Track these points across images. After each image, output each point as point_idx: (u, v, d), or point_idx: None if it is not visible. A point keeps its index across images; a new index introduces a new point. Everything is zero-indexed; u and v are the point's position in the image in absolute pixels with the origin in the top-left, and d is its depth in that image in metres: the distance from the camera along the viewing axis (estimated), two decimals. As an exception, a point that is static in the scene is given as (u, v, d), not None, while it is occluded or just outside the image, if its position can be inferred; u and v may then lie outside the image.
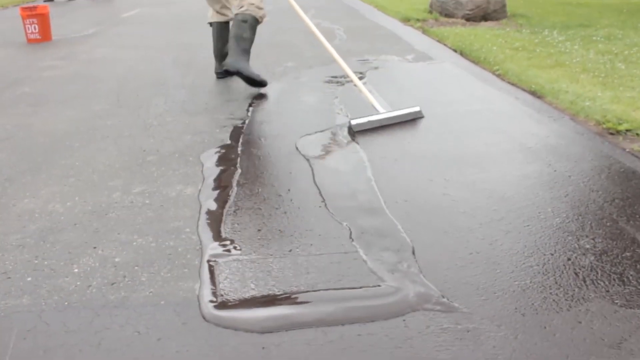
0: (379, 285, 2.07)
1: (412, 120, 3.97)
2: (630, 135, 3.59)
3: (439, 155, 3.31)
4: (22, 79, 5.60)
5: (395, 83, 4.97)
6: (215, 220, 2.60)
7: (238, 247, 2.36)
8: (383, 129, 3.78)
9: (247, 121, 4.00)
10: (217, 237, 2.45)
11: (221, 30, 5.26)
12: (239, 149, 3.49)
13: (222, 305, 1.98)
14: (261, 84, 4.83)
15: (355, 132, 3.74)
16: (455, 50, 6.34)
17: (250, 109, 4.29)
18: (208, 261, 2.26)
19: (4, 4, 14.12)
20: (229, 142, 3.60)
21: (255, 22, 4.82)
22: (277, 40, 7.21)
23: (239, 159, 3.32)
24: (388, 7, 10.21)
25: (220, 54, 5.28)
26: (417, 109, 4.04)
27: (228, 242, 2.40)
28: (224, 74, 5.25)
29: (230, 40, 4.78)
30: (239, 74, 4.71)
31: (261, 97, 4.62)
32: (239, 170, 3.15)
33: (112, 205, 2.78)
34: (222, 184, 2.98)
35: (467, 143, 3.50)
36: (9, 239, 2.50)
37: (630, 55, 5.70)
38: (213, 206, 2.73)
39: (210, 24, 5.35)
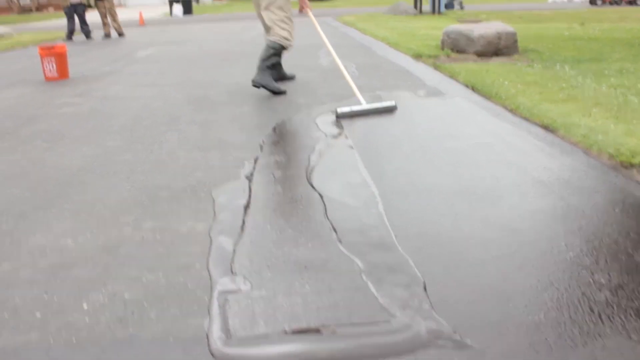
0: (390, 321, 2.05)
1: (388, 112, 5.13)
2: (644, 168, 3.55)
3: (451, 189, 3.29)
4: (38, 116, 5.68)
5: (407, 118, 4.98)
6: (225, 256, 2.59)
7: (248, 283, 2.34)
8: (394, 163, 3.78)
9: (259, 157, 4.02)
10: (227, 273, 2.44)
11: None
12: (251, 184, 3.49)
13: (232, 342, 1.96)
14: (281, 93, 6.15)
15: (338, 118, 4.95)
16: (467, 86, 6.35)
17: (263, 145, 4.31)
18: (217, 297, 2.24)
19: (25, 43, 14.42)
20: (240, 177, 3.61)
21: (280, 48, 6.21)
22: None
23: (250, 195, 3.32)
24: (400, 43, 10.29)
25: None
26: (392, 102, 5.25)
27: (238, 278, 2.38)
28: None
29: (258, 60, 6.19)
30: (264, 87, 6.15)
31: (273, 133, 4.64)
32: (250, 206, 3.15)
33: (123, 241, 2.79)
34: (233, 220, 2.97)
35: (479, 176, 3.48)
36: (19, 274, 2.50)
37: (643, 89, 5.68)
38: (224, 242, 2.72)
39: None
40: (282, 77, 6.95)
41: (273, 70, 6.35)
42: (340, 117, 5.03)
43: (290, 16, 6.29)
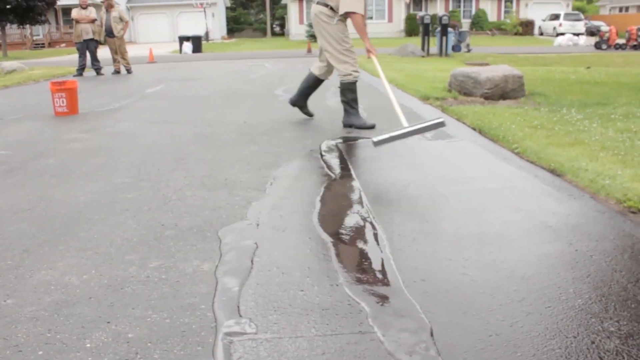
0: (396, 368, 2.02)
1: (435, 130, 4.80)
2: (652, 215, 3.54)
3: (458, 234, 3.28)
4: (47, 151, 5.72)
5: (415, 160, 5.00)
6: (231, 297, 2.57)
7: (253, 326, 2.32)
8: (402, 206, 3.77)
9: (266, 198, 4.02)
10: (233, 314, 2.42)
11: (309, 78, 6.96)
12: (258, 225, 3.49)
13: (235, 385, 1.94)
14: (372, 127, 6.40)
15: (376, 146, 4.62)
16: (474, 129, 6.38)
17: (270, 185, 4.31)
18: (222, 339, 2.22)
19: (36, 78, 14.60)
20: (247, 218, 3.61)
21: (347, 85, 6.51)
22: (298, 118, 7.31)
23: (257, 236, 3.31)
24: (407, 85, 10.38)
25: (301, 91, 7.07)
26: (440, 119, 4.76)
27: (243, 320, 2.36)
28: (295, 105, 7.20)
29: (342, 103, 6.62)
30: (352, 126, 6.50)
31: (281, 173, 4.65)
32: (257, 247, 3.14)
33: (128, 280, 2.77)
34: (239, 261, 2.96)
35: (487, 221, 3.47)
36: (23, 310, 2.49)
37: (650, 134, 5.69)
38: (229, 283, 2.71)
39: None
40: (305, 111, 7.24)
41: (353, 109, 6.59)
42: (378, 144, 4.69)
43: (351, 47, 6.50)
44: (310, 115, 7.25)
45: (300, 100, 7.16)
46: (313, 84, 6.98)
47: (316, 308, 2.46)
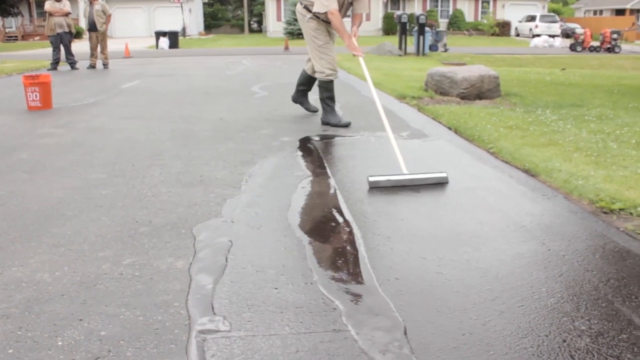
0: (369, 366, 2.02)
1: (436, 184, 4.21)
2: (623, 214, 3.59)
3: (433, 233, 3.30)
4: (19, 146, 5.63)
5: (390, 160, 5.01)
6: (205, 295, 2.56)
7: (227, 323, 2.31)
8: (377, 205, 3.78)
9: (241, 195, 4.00)
10: (207, 312, 2.40)
11: (302, 76, 7.07)
12: (233, 222, 3.47)
13: (208, 384, 1.93)
14: (346, 126, 6.43)
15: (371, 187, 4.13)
16: (449, 128, 6.42)
17: (245, 182, 4.30)
18: (196, 337, 2.21)
19: (8, 72, 14.37)
20: (222, 215, 3.59)
21: (322, 83, 6.55)
22: (275, 115, 7.31)
23: (232, 233, 3.30)
24: (384, 84, 10.40)
25: (297, 88, 7.20)
26: (444, 174, 4.28)
27: (217, 318, 2.35)
28: (294, 102, 7.32)
29: (320, 100, 6.65)
30: (329, 125, 6.50)
31: (257, 171, 4.64)
32: (232, 244, 3.12)
33: (101, 277, 2.75)
34: (213, 258, 2.95)
35: (461, 221, 3.49)
36: (-7, 309, 2.45)
37: (622, 135, 5.77)
38: (204, 280, 2.69)
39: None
40: (301, 103, 7.29)
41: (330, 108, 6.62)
42: (373, 186, 4.14)
43: (326, 44, 6.45)
44: (313, 110, 7.30)
45: (299, 97, 7.27)
46: (306, 81, 7.07)
47: (290, 306, 2.45)
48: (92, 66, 15.39)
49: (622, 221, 3.50)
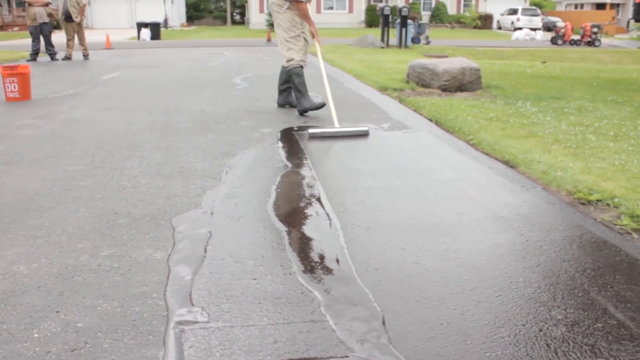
0: (347, 356, 2.03)
1: (360, 137, 5.44)
2: (601, 205, 3.63)
3: (412, 224, 3.31)
4: (-3, 138, 5.56)
5: (372, 151, 5.02)
6: (183, 286, 2.55)
7: (205, 314, 2.30)
8: (357, 196, 3.79)
9: (221, 186, 3.99)
10: (185, 303, 2.40)
11: (281, 73, 7.09)
12: (212, 213, 3.46)
13: (186, 374, 1.92)
14: (321, 107, 6.56)
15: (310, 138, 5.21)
16: (430, 120, 6.44)
17: (225, 174, 4.28)
18: (174, 328, 2.20)
19: (-14, 63, 14.19)
20: (202, 206, 3.58)
21: (292, 70, 6.64)
22: (255, 107, 7.29)
23: (211, 224, 3.29)
24: (366, 76, 10.40)
25: (280, 89, 7.20)
26: (365, 128, 5.62)
27: (195, 309, 2.35)
28: (283, 105, 7.25)
29: (293, 90, 6.82)
30: (305, 111, 6.69)
31: (237, 162, 4.62)
32: (211, 236, 3.11)
33: (79, 268, 2.73)
34: (192, 249, 2.94)
35: (440, 212, 3.51)
36: (-31, 301, 2.43)
37: (600, 127, 5.83)
38: (182, 272, 2.68)
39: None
40: (289, 103, 7.23)
41: (302, 94, 6.71)
42: (312, 137, 5.41)
43: (300, 34, 6.65)
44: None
45: (285, 98, 7.24)
46: (287, 78, 7.03)
47: (269, 297, 2.45)
48: (68, 57, 15.20)
49: (599, 212, 3.53)
